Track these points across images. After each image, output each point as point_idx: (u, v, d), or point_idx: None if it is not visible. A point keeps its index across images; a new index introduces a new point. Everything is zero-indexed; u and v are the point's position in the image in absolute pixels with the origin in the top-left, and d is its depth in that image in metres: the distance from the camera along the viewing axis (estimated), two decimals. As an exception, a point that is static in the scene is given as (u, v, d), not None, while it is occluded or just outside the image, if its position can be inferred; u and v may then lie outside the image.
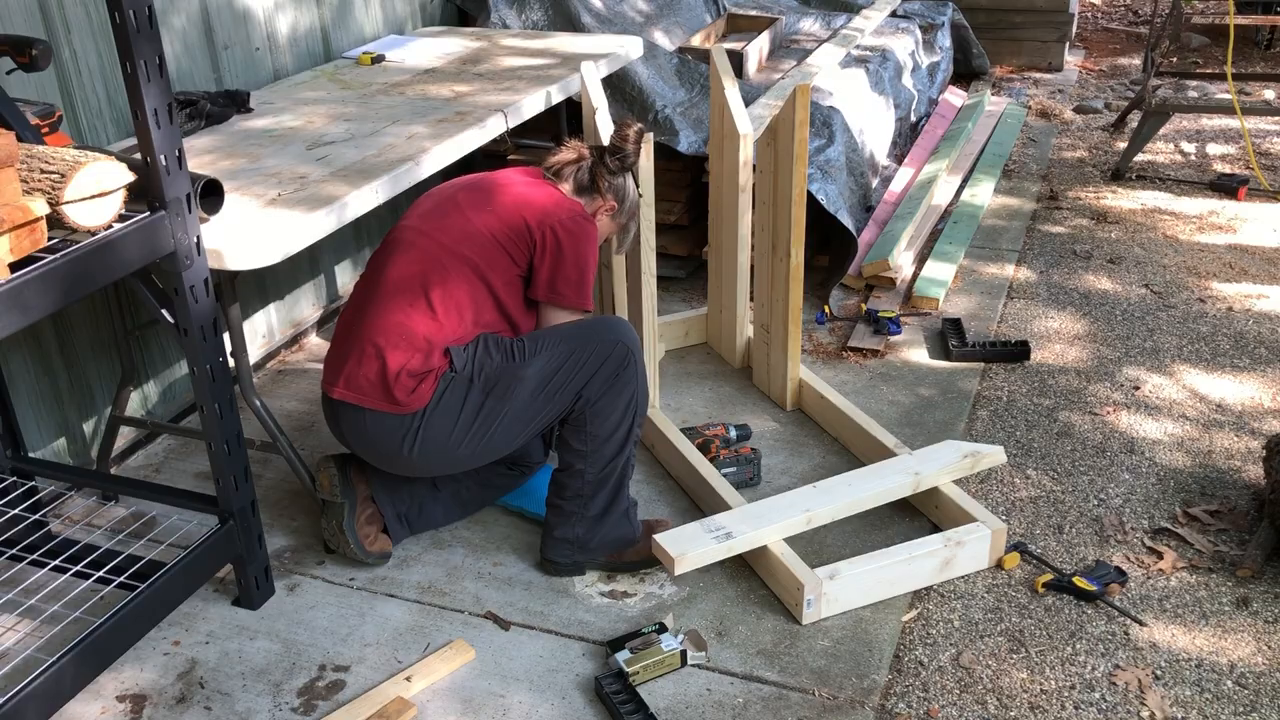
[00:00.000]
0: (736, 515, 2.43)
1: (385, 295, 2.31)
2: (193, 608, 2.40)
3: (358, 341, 2.30)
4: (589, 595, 2.41)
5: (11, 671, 2.17)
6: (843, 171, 3.85)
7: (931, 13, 5.79)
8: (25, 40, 2.18)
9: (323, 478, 2.46)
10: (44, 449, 2.72)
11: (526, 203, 2.38)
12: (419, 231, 2.38)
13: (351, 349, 2.31)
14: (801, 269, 2.93)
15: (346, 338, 2.34)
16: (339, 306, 3.72)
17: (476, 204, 2.39)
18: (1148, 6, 8.02)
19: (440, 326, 2.28)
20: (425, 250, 2.34)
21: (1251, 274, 3.88)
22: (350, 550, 2.44)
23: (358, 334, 2.31)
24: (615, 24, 4.24)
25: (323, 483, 2.46)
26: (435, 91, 3.19)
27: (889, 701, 2.13)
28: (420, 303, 2.29)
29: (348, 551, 2.45)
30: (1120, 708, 2.11)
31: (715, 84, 3.00)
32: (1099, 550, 2.53)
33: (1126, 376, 3.25)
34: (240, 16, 3.20)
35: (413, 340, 2.26)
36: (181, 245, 2.00)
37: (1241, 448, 2.90)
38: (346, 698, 2.16)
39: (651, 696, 2.12)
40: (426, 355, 2.26)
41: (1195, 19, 6.71)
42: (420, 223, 2.40)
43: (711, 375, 3.28)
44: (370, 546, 2.46)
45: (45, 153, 1.86)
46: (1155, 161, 4.99)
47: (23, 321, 1.73)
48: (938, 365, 3.31)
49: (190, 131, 2.83)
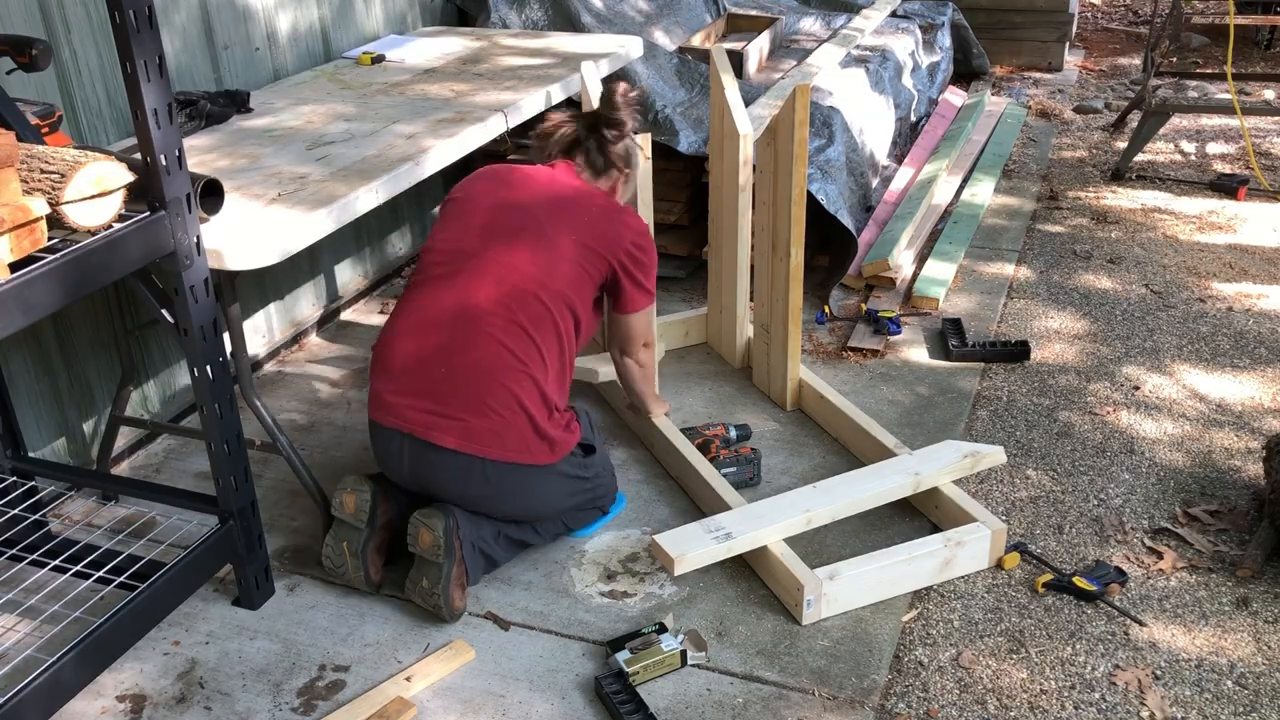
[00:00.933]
0: (736, 515, 2.43)
1: (485, 334, 2.30)
2: (193, 608, 2.40)
3: (473, 385, 2.28)
4: (589, 595, 2.41)
5: (11, 671, 2.17)
6: (843, 171, 3.85)
7: (931, 13, 5.79)
8: (25, 40, 2.18)
9: (348, 498, 2.36)
10: (44, 449, 2.72)
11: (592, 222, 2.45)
12: (502, 263, 2.36)
13: (463, 393, 2.28)
14: (801, 269, 2.93)
15: (448, 378, 2.29)
16: (339, 306, 3.72)
17: (542, 240, 2.39)
18: (1148, 6, 8.02)
19: (545, 368, 2.35)
20: (514, 283, 2.34)
21: (1251, 274, 3.88)
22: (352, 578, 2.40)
23: (468, 376, 2.29)
24: (615, 24, 4.24)
25: (346, 503, 2.36)
26: (435, 91, 3.19)
27: (889, 701, 2.13)
28: (527, 343, 2.32)
29: (351, 578, 2.40)
30: (1120, 708, 2.11)
31: (715, 84, 3.00)
32: (1099, 550, 2.53)
33: (1126, 376, 3.25)
34: (240, 16, 3.20)
35: (542, 389, 2.32)
36: (181, 245, 2.00)
37: (1241, 447, 2.90)
38: (346, 698, 2.16)
39: (651, 696, 2.12)
40: (545, 398, 2.34)
41: (1195, 19, 6.71)
42: (495, 251, 2.38)
43: (711, 375, 3.28)
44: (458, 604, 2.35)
45: (45, 153, 1.86)
46: (1155, 161, 4.99)
47: (23, 321, 1.73)
48: (938, 365, 3.31)
49: (190, 131, 2.83)
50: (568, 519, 2.52)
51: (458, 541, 2.30)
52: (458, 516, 2.31)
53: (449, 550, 2.28)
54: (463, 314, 2.33)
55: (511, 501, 2.36)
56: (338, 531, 2.39)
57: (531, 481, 2.35)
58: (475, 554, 2.35)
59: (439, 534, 2.26)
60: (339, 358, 3.47)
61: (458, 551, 2.30)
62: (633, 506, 2.69)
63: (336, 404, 3.20)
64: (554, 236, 2.39)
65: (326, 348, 3.54)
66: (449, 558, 2.28)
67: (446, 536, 2.27)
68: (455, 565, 2.29)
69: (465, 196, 2.51)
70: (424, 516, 2.29)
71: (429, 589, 2.29)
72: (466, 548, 2.32)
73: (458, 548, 2.30)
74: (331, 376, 3.36)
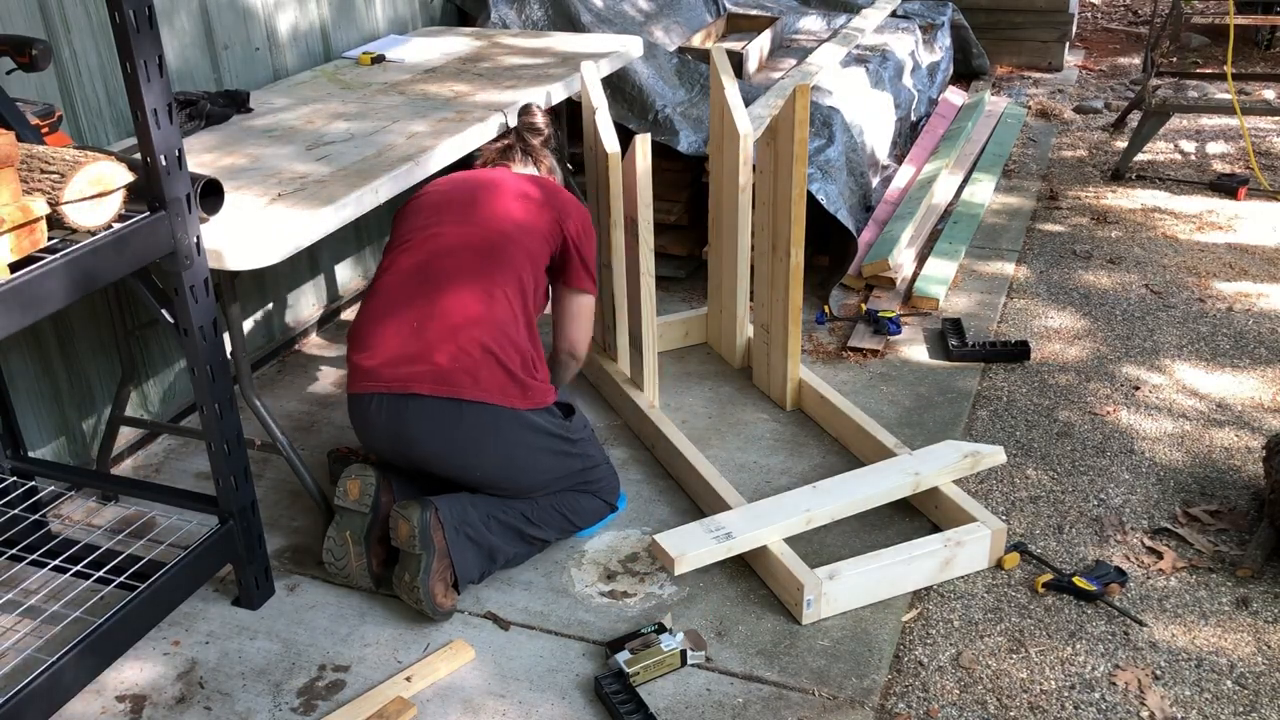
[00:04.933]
0: (737, 515, 2.43)
1: (450, 284, 2.39)
2: (193, 608, 2.40)
3: (444, 334, 2.33)
4: (589, 595, 2.41)
5: (12, 671, 2.17)
6: (843, 171, 3.85)
7: (931, 13, 5.79)
8: (25, 40, 2.18)
9: (352, 484, 2.35)
10: (44, 449, 2.72)
11: (542, 188, 2.65)
12: (461, 222, 2.51)
13: (434, 342, 2.33)
14: (801, 269, 2.93)
15: (419, 333, 2.34)
16: (339, 306, 3.72)
17: (495, 197, 2.57)
18: (1148, 6, 8.02)
19: (514, 315, 2.42)
20: (482, 241, 2.47)
21: (1251, 273, 3.88)
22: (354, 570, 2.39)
23: (439, 326, 2.34)
24: (615, 23, 4.23)
25: (350, 490, 2.35)
26: (435, 91, 3.19)
27: (889, 701, 2.13)
28: (492, 290, 2.41)
29: (353, 571, 2.40)
30: (1120, 708, 2.11)
31: (715, 84, 3.00)
32: (1099, 550, 2.53)
33: (1126, 376, 3.25)
34: (240, 16, 3.20)
35: (511, 336, 2.38)
36: (181, 245, 2.00)
37: (1241, 447, 2.90)
38: (346, 698, 2.16)
39: (651, 696, 2.12)
40: (515, 344, 2.39)
41: (1195, 19, 6.71)
42: (453, 216, 2.52)
43: (711, 375, 3.28)
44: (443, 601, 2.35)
45: (45, 153, 1.86)
46: (1155, 161, 4.99)
47: (23, 321, 1.73)
48: (938, 365, 3.31)
49: (190, 131, 2.83)
50: (569, 510, 2.50)
51: (439, 534, 2.29)
52: (438, 505, 2.30)
53: (425, 542, 2.26)
54: (427, 273, 2.43)
55: (491, 452, 2.34)
56: (341, 521, 2.38)
57: (509, 428, 2.34)
58: (463, 542, 2.32)
59: (414, 525, 2.26)
60: (339, 358, 3.47)
61: (438, 544, 2.28)
62: (633, 506, 2.69)
63: (336, 404, 3.20)
64: (507, 201, 2.57)
65: (326, 348, 3.54)
66: (427, 550, 2.26)
67: (423, 528, 2.26)
68: (436, 559, 2.28)
69: (417, 200, 2.65)
70: (402, 508, 2.29)
71: (410, 583, 2.28)
72: (451, 534, 2.30)
73: (438, 540, 2.28)
74: (331, 376, 3.36)
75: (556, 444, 2.43)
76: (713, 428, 3.01)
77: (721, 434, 2.98)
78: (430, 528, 2.27)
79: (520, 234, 2.51)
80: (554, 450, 2.43)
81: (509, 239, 2.49)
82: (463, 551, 2.33)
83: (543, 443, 2.40)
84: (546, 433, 2.40)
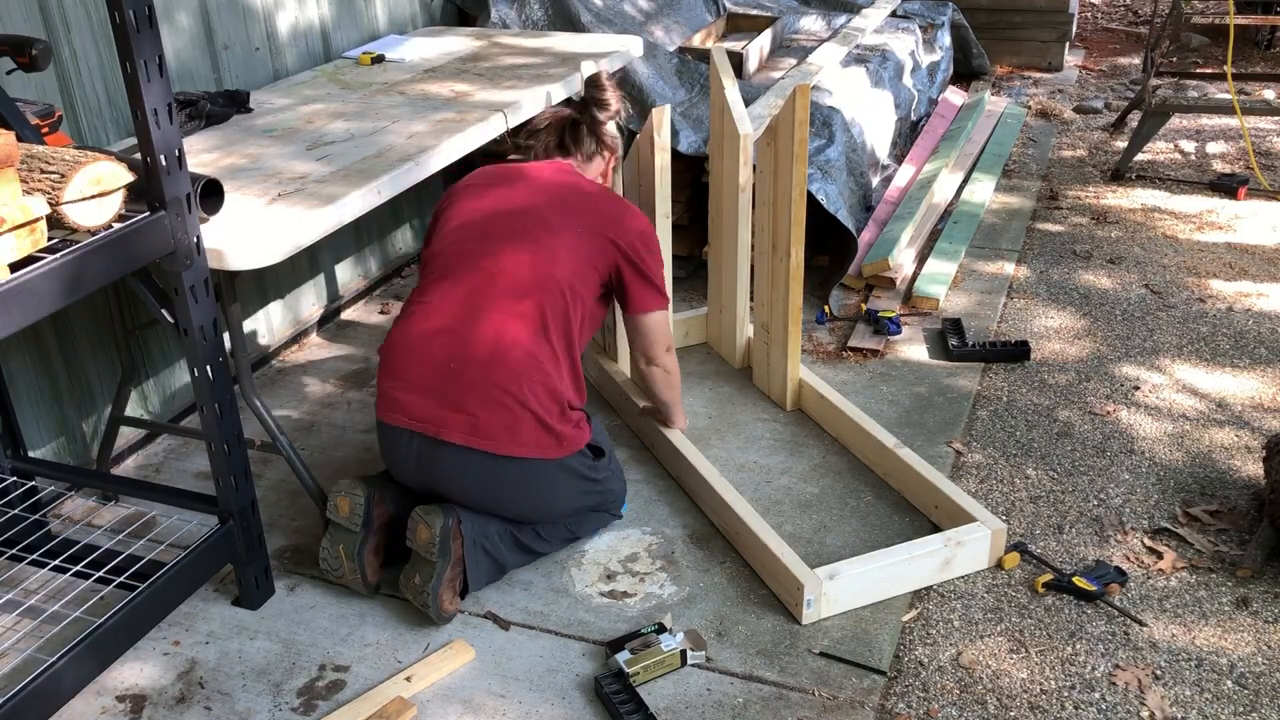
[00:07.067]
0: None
1: (493, 328, 2.31)
2: (193, 608, 2.40)
3: (480, 380, 2.28)
4: (589, 595, 2.41)
5: (11, 671, 2.17)
6: (843, 171, 3.85)
7: (931, 13, 5.79)
8: (25, 40, 2.18)
9: (342, 501, 2.34)
10: (44, 449, 2.72)
11: (595, 210, 2.49)
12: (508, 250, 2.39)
13: (469, 388, 2.28)
14: (801, 269, 2.93)
15: (455, 376, 2.29)
16: (339, 306, 3.72)
17: (545, 221, 2.43)
18: (1148, 6, 8.02)
19: (557, 361, 2.35)
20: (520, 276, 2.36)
21: (1251, 273, 3.88)
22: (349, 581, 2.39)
23: (474, 373, 2.28)
24: (615, 23, 4.23)
25: (340, 506, 2.34)
26: (435, 91, 3.19)
27: (889, 701, 2.13)
28: (535, 336, 2.32)
29: (348, 581, 2.39)
30: (1120, 708, 2.11)
31: (715, 84, 3.00)
32: (1099, 550, 2.53)
33: (1126, 376, 3.25)
34: (240, 16, 3.20)
35: (551, 383, 2.32)
36: (181, 245, 2.00)
37: (1241, 447, 2.90)
38: (346, 698, 2.16)
39: (651, 696, 2.12)
40: (555, 392, 2.33)
41: (1195, 19, 6.70)
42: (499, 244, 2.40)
43: (711, 375, 3.28)
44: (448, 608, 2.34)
45: (45, 153, 1.86)
46: (1155, 161, 4.99)
47: (23, 321, 1.73)
48: (938, 365, 3.31)
49: (190, 131, 2.83)
50: (576, 525, 2.50)
51: (458, 543, 2.28)
52: (460, 515, 2.29)
53: (444, 550, 2.26)
54: (470, 310, 2.34)
55: (519, 499, 2.35)
56: (333, 535, 2.38)
57: (539, 477, 2.34)
58: (479, 554, 2.33)
59: (436, 532, 2.25)
60: (339, 358, 3.47)
61: (455, 553, 2.28)
62: (633, 506, 2.69)
63: (336, 404, 3.20)
64: (558, 229, 2.41)
65: (327, 348, 3.54)
66: (444, 558, 2.26)
67: (444, 536, 2.25)
68: (450, 567, 2.27)
69: (463, 198, 2.52)
70: (425, 512, 2.27)
71: (420, 586, 2.28)
72: (469, 547, 2.30)
73: (456, 549, 2.28)
74: (331, 376, 3.36)
75: (584, 485, 2.44)
76: (713, 428, 3.01)
77: (721, 434, 2.98)
78: (450, 537, 2.27)
79: (569, 276, 2.38)
80: (581, 490, 2.44)
81: (555, 283, 2.36)
82: (477, 563, 2.33)
83: (572, 485, 2.41)
84: (578, 475, 2.41)
